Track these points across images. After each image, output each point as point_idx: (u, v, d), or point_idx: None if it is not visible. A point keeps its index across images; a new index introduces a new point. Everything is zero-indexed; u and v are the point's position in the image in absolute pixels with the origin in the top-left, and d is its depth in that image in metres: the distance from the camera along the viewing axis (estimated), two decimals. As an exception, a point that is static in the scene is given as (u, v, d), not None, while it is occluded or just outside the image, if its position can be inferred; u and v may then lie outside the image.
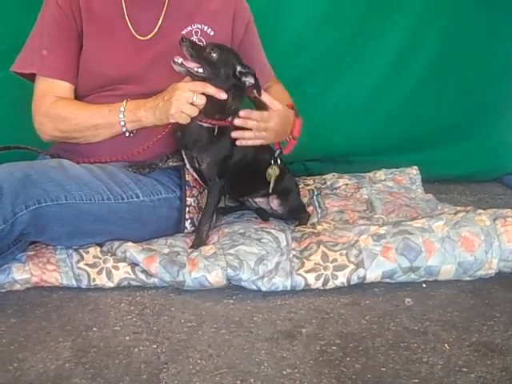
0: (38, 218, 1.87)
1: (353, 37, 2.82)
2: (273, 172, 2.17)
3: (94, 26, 2.09)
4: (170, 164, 2.13)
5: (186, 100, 1.95)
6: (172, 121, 2.00)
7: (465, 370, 1.56)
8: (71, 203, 1.92)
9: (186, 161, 2.12)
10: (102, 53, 2.10)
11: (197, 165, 2.09)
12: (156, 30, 2.11)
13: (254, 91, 2.04)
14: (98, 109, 2.08)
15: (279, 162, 2.19)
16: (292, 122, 2.18)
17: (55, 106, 2.09)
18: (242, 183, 2.20)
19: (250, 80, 2.02)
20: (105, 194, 1.98)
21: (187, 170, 2.16)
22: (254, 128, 2.04)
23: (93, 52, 2.11)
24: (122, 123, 2.05)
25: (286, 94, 2.32)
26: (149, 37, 2.11)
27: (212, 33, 2.13)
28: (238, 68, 2.02)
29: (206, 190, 2.19)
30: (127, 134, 2.08)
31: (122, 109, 2.05)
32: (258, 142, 2.07)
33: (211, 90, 1.96)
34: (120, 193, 2.01)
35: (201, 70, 1.97)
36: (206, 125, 2.04)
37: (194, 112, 1.98)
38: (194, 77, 1.99)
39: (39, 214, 1.86)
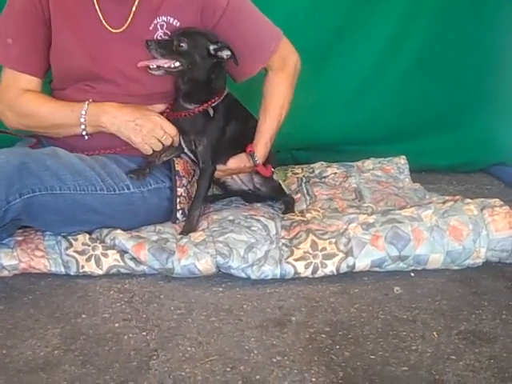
0: (31, 207, 1.86)
1: (341, 25, 2.82)
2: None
3: (62, 17, 2.03)
4: (165, 159, 2.12)
5: (155, 136, 2.01)
6: (131, 144, 2.03)
7: (453, 357, 1.57)
8: (65, 193, 1.91)
9: (183, 145, 2.12)
10: (70, 46, 2.04)
11: (193, 147, 2.10)
12: (128, 21, 2.02)
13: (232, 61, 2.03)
14: (60, 108, 2.05)
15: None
16: (248, 169, 2.20)
17: (18, 101, 2.06)
18: (230, 150, 2.18)
19: (226, 53, 2.01)
20: (98, 185, 1.97)
21: (177, 159, 2.14)
22: None
23: (62, 45, 2.05)
24: (83, 127, 2.03)
25: (280, 93, 2.19)
26: (121, 29, 2.03)
27: (178, 24, 2.04)
28: (211, 47, 2.00)
29: (194, 179, 2.19)
30: (86, 136, 2.06)
31: (84, 112, 2.01)
32: None
33: (176, 140, 2.07)
34: (112, 184, 2.00)
35: (177, 64, 1.98)
36: (197, 111, 2.06)
37: (158, 148, 2.04)
38: (174, 73, 2.00)
39: (33, 203, 1.85)
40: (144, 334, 1.66)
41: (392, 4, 2.81)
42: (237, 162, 2.17)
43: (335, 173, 2.59)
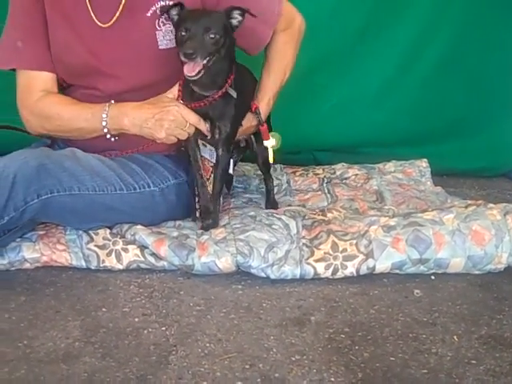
0: (49, 207, 1.87)
1: (364, 28, 2.82)
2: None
3: (56, 13, 2.03)
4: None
5: (179, 126, 1.94)
6: (157, 141, 1.98)
7: (474, 362, 1.56)
8: (84, 194, 1.91)
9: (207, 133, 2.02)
10: (66, 42, 2.03)
11: (217, 135, 2.00)
12: (117, 15, 1.98)
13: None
14: (81, 110, 2.02)
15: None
16: (253, 129, 2.13)
17: (39, 105, 2.06)
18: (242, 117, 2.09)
19: (238, 18, 1.90)
20: (117, 185, 1.97)
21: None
22: None
23: (60, 41, 2.05)
24: (106, 130, 2.00)
25: (288, 50, 2.15)
26: (109, 24, 2.00)
27: None
28: (229, 20, 1.89)
29: (212, 176, 2.12)
30: (112, 139, 2.03)
31: (105, 115, 1.98)
32: None
33: (202, 127, 1.97)
34: (132, 183, 2.01)
35: (209, 57, 1.86)
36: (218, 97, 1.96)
37: (184, 136, 1.97)
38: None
39: (51, 204, 1.86)
40: (163, 329, 1.67)
41: (415, 7, 2.80)
42: (245, 122, 2.09)
43: (356, 174, 2.58)
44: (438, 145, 2.90)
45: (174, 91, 1.99)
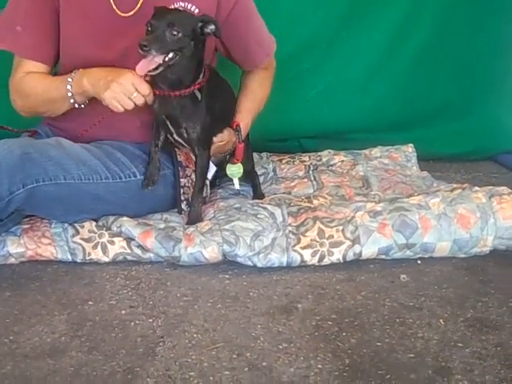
0: (35, 197, 1.85)
1: (349, 12, 2.80)
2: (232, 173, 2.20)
3: (72, 4, 2.01)
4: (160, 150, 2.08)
5: (125, 92, 1.90)
6: (103, 102, 1.94)
7: (460, 345, 1.57)
8: (70, 183, 1.90)
9: (172, 130, 2.03)
10: (79, 31, 2.02)
11: (185, 135, 2.01)
12: (138, 5, 1.99)
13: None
14: (53, 81, 2.03)
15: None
16: (231, 145, 2.15)
17: (20, 83, 2.05)
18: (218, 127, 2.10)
19: (211, 27, 1.91)
20: (103, 174, 1.96)
21: (179, 150, 2.13)
22: None
23: (70, 31, 2.03)
24: (70, 94, 1.99)
25: (264, 87, 2.26)
26: (131, 13, 1.99)
27: (196, 10, 2.02)
28: (199, 24, 1.90)
29: None
30: (76, 105, 2.01)
31: (70, 79, 1.97)
32: None
33: (149, 100, 1.94)
34: (118, 172, 2.00)
35: (172, 55, 1.86)
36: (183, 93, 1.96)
37: (128, 107, 1.92)
38: (170, 64, 1.88)
39: (36, 193, 1.85)
40: (150, 320, 1.67)
41: (399, -9, 2.79)
42: (226, 136, 2.10)
43: (342, 161, 2.58)
44: (425, 129, 2.90)
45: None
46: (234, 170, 2.18)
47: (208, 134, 2.04)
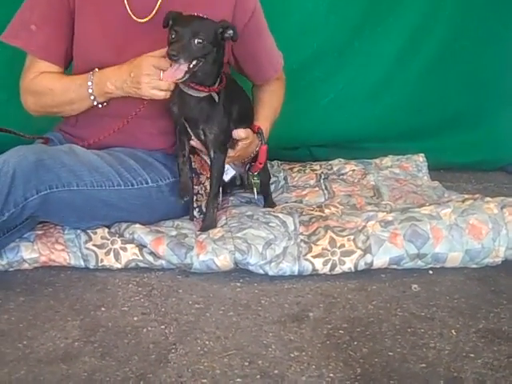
0: (49, 203, 1.87)
1: (361, 22, 2.81)
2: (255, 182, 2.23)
3: (88, 7, 2.03)
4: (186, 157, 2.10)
5: (155, 77, 1.92)
6: (141, 97, 1.98)
7: (472, 355, 1.56)
8: (82, 189, 1.92)
9: (191, 133, 2.06)
10: (94, 36, 2.04)
11: (203, 136, 2.03)
12: (154, 11, 2.01)
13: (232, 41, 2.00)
14: (70, 82, 2.05)
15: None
16: (255, 147, 2.15)
17: (34, 82, 2.07)
18: None
19: (229, 32, 1.94)
20: (115, 180, 1.98)
21: (193, 156, 2.14)
22: None
23: (85, 36, 2.05)
24: (92, 97, 2.02)
25: (277, 97, 2.29)
26: (146, 19, 2.02)
27: None
28: (219, 30, 1.92)
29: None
30: (99, 105, 2.04)
31: (90, 83, 2.00)
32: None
33: (165, 65, 1.92)
34: (130, 179, 2.01)
35: (195, 62, 1.89)
36: (203, 95, 1.98)
37: (165, 87, 1.94)
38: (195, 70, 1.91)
39: (50, 199, 1.86)
40: (162, 327, 1.68)
41: (412, 2, 2.80)
42: (248, 133, 2.09)
43: (353, 170, 2.58)
44: (436, 139, 2.90)
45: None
46: (256, 180, 2.21)
47: (225, 136, 2.04)
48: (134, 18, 2.02)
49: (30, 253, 1.94)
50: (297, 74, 2.69)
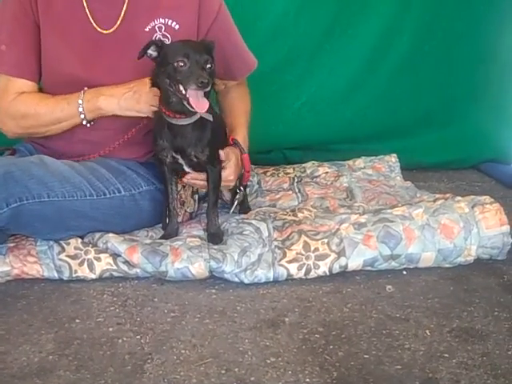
0: (20, 216, 1.85)
1: (331, 25, 2.84)
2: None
3: (51, 21, 2.02)
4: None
5: (155, 95, 1.94)
6: (137, 114, 1.99)
7: (446, 355, 1.58)
8: (54, 201, 1.90)
9: (182, 163, 2.02)
10: (61, 51, 2.03)
11: (194, 159, 2.00)
12: (118, 23, 2.02)
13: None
14: (57, 102, 2.03)
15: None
16: (240, 158, 2.15)
17: (15, 103, 2.05)
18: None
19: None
20: (87, 190, 1.96)
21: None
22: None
23: (51, 50, 2.04)
24: (82, 116, 2.01)
25: (246, 101, 2.29)
26: (112, 29, 2.02)
27: (177, 26, 2.05)
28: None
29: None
30: (87, 124, 2.04)
31: (80, 101, 2.00)
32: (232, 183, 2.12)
33: None
34: (102, 188, 2.00)
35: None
36: (195, 119, 1.94)
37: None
38: None
39: (20, 212, 1.84)
40: (138, 337, 1.67)
41: (381, 3, 2.83)
42: (232, 156, 2.09)
43: (326, 172, 2.60)
44: (408, 139, 2.94)
45: None
46: (245, 193, 2.24)
47: (216, 151, 2.02)
48: (99, 30, 2.02)
49: (1, 266, 1.91)
50: (269, 77, 2.70)
